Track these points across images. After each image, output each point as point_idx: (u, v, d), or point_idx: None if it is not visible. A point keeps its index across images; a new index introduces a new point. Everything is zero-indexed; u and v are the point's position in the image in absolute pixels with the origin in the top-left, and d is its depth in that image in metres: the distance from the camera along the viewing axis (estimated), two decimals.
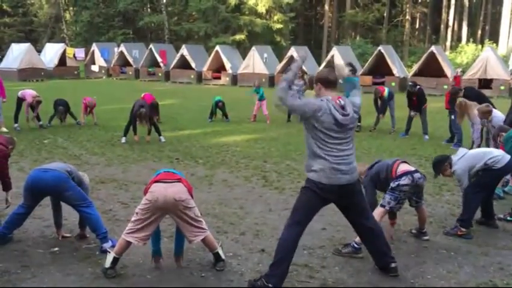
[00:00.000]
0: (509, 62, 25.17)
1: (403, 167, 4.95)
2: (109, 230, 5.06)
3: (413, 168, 4.97)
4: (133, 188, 7.18)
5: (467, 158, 5.43)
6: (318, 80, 4.10)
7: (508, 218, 5.84)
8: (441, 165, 5.57)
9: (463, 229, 5.32)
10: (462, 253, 4.88)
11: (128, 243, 4.19)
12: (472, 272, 4.43)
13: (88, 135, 11.63)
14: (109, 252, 4.27)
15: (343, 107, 3.93)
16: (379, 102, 12.69)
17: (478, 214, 5.73)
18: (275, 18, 40.48)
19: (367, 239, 4.29)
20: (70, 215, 5.40)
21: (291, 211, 4.13)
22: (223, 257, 4.42)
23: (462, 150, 5.61)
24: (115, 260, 4.22)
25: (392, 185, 4.88)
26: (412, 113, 11.91)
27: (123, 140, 10.77)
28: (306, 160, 4.09)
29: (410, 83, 12.30)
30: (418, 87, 12.01)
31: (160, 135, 11.05)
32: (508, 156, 5.45)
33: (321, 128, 3.88)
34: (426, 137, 11.82)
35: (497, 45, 36.07)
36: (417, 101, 11.84)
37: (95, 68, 34.45)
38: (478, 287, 4.15)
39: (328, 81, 4.04)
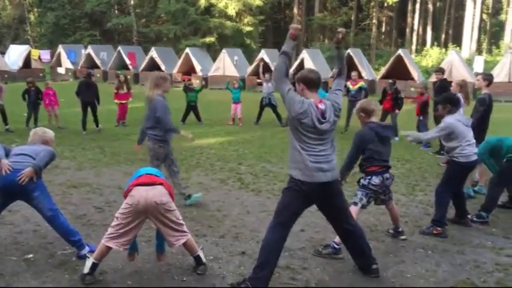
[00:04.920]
0: (473, 65, 25.89)
1: (376, 167, 4.97)
2: (84, 236, 4.95)
3: (384, 169, 5.00)
4: (107, 192, 7.04)
5: (457, 119, 5.51)
6: (300, 80, 4.08)
7: (474, 219, 5.96)
8: (446, 102, 5.65)
9: (438, 228, 5.43)
10: (439, 252, 4.97)
11: (109, 249, 4.08)
12: (450, 270, 4.51)
13: (57, 138, 11.10)
14: (88, 257, 4.16)
15: (323, 113, 3.92)
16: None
17: (452, 213, 5.87)
18: (245, 20, 40.60)
19: (348, 240, 4.31)
20: (43, 221, 5.23)
21: (274, 212, 4.11)
22: (204, 260, 4.36)
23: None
24: (94, 266, 4.11)
25: (363, 182, 4.95)
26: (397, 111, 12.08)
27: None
28: (289, 158, 4.05)
29: (390, 81, 12.41)
30: (395, 87, 12.20)
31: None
32: (475, 156, 5.59)
33: (301, 129, 3.88)
34: (396, 138, 12.01)
35: (460, 48, 37.11)
36: (391, 100, 12.02)
37: (61, 70, 33.71)
38: (457, 285, 4.22)
39: (311, 82, 4.03)
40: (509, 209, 6.48)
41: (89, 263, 4.09)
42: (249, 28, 40.46)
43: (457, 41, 42.59)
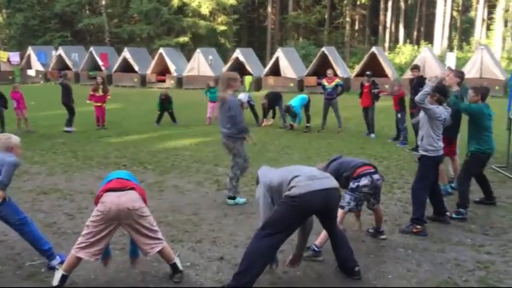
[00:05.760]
0: (445, 61, 26.21)
1: (365, 168, 4.93)
2: (54, 244, 4.73)
3: (372, 169, 4.95)
4: (79, 198, 6.80)
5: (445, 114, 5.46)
6: None
7: (454, 216, 5.95)
8: (434, 90, 5.46)
9: (418, 226, 5.38)
10: (419, 251, 4.91)
11: (79, 260, 3.89)
12: (431, 270, 4.45)
13: (26, 143, 10.94)
14: (57, 269, 3.96)
15: None
16: None
17: (430, 211, 5.82)
18: (219, 20, 40.38)
19: (335, 244, 4.23)
20: (11, 231, 5.00)
21: (266, 221, 3.91)
22: (180, 268, 4.20)
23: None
24: (64, 278, 3.91)
25: (352, 185, 4.85)
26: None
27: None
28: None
29: (367, 73, 12.41)
30: (372, 80, 12.22)
31: (70, 126, 12.69)
32: (442, 151, 5.56)
33: None
34: (373, 135, 12.06)
35: (432, 45, 37.63)
36: (369, 93, 12.03)
37: (31, 72, 32.93)
38: (439, 285, 4.15)
39: None
40: (486, 205, 6.49)
41: (58, 275, 3.89)
42: (223, 27, 40.23)
43: (429, 38, 43.20)
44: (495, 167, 8.53)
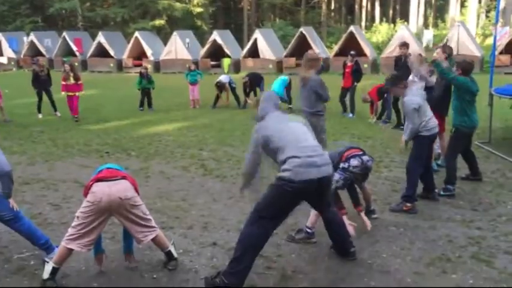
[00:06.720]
0: (422, 39, 26.40)
1: (352, 151, 4.90)
2: None
3: (360, 152, 4.93)
4: (63, 187, 6.64)
5: (417, 94, 5.50)
6: None
7: (442, 193, 5.99)
8: (398, 82, 5.61)
9: (408, 204, 5.41)
10: (411, 228, 4.94)
11: (70, 251, 3.79)
12: (424, 247, 4.47)
13: (3, 133, 10.68)
14: (47, 261, 3.85)
15: None
16: None
17: (419, 188, 5.84)
18: (195, 2, 39.76)
19: (329, 226, 4.20)
20: None
21: (256, 206, 3.81)
22: (175, 255, 4.14)
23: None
24: (54, 271, 3.81)
25: (343, 165, 4.82)
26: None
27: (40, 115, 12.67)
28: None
29: (351, 53, 12.38)
30: (356, 60, 12.20)
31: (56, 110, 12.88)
32: (437, 128, 5.58)
33: None
34: (351, 114, 12.09)
35: (408, 23, 37.78)
36: (351, 73, 12.02)
37: (3, 60, 32.02)
38: (434, 262, 4.18)
39: None
40: (472, 181, 6.56)
41: (48, 267, 3.78)
42: (199, 9, 39.67)
43: (404, 16, 43.35)
44: (478, 142, 8.63)
